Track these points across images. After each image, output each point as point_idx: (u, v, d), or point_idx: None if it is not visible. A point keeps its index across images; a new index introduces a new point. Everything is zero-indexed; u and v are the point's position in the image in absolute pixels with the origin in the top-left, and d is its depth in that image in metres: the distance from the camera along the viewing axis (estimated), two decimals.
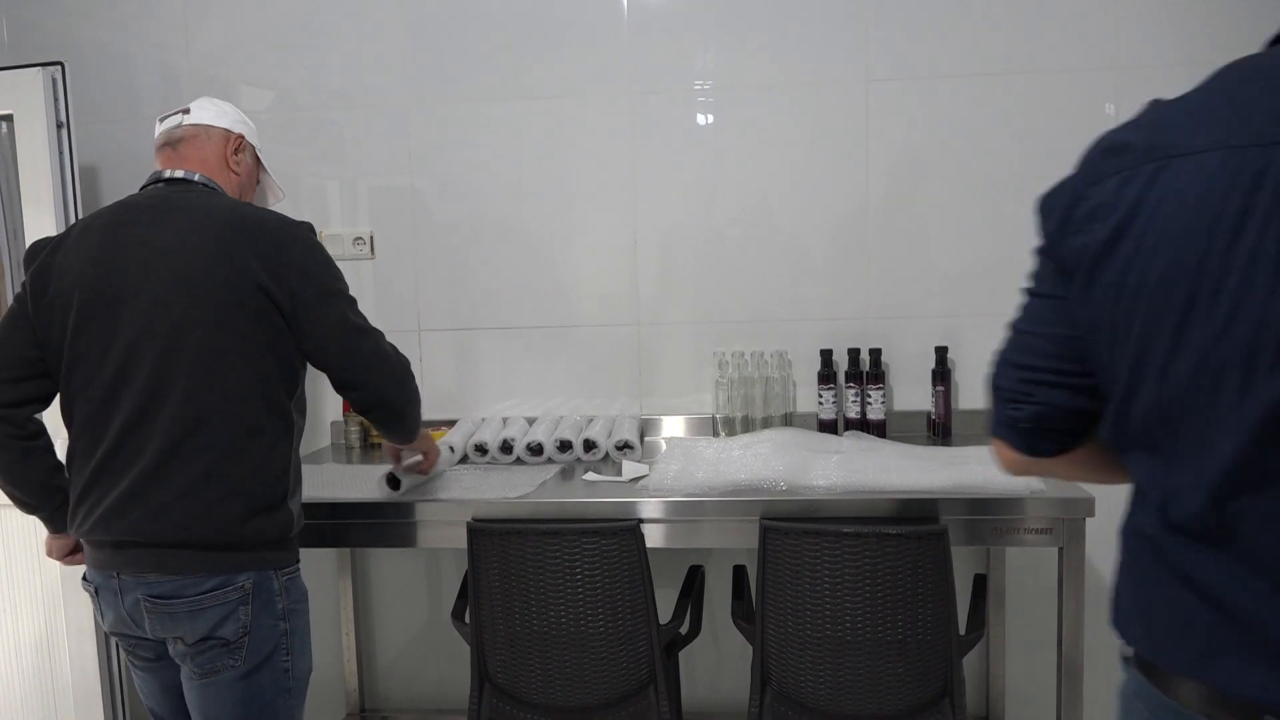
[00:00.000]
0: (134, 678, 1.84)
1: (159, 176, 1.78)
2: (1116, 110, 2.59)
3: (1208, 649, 0.94)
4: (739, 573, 2.39)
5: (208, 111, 1.85)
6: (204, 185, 1.77)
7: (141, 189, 1.79)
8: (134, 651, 1.77)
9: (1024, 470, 1.18)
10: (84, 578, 1.76)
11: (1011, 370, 1.13)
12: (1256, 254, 0.86)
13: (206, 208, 1.71)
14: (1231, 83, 1.00)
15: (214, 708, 1.69)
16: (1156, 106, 1.08)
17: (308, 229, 1.77)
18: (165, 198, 1.73)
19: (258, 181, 1.97)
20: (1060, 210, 1.03)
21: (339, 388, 1.78)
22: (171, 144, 1.81)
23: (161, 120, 1.85)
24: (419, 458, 2.19)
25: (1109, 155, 1.01)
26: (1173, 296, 0.91)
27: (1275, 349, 0.85)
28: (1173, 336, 0.91)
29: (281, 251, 1.67)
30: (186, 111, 1.84)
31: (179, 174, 1.77)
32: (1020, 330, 1.13)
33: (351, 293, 1.79)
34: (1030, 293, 1.11)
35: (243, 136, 1.87)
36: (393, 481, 2.17)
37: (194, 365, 1.62)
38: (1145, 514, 1.04)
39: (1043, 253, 1.07)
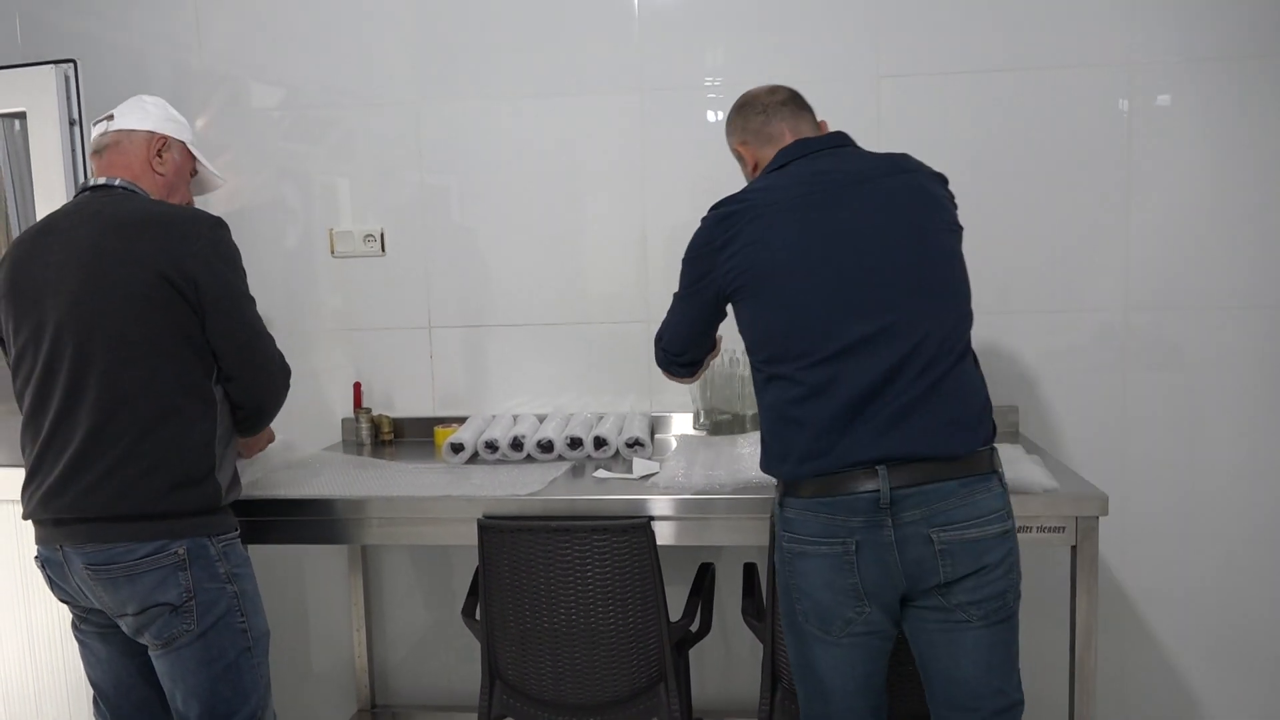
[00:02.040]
0: (81, 654, 1.94)
1: (84, 186, 1.92)
2: (1129, 106, 2.57)
3: None
4: (749, 570, 2.39)
5: (131, 116, 1.94)
6: (124, 189, 1.88)
7: (74, 197, 1.94)
8: (86, 619, 1.88)
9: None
10: (35, 556, 1.87)
11: (665, 345, 2.03)
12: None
13: (119, 210, 1.81)
14: (776, 180, 1.79)
15: (180, 674, 1.80)
16: (723, 202, 1.82)
17: (214, 223, 1.83)
18: (86, 203, 1.85)
19: (194, 173, 2.05)
20: None
21: (224, 379, 1.86)
22: (98, 151, 1.93)
23: (93, 125, 1.96)
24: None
25: (722, 221, 1.79)
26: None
27: None
28: None
29: (185, 243, 1.76)
30: (111, 118, 1.94)
31: (100, 181, 1.89)
32: (673, 321, 1.98)
33: (251, 295, 1.89)
34: (680, 296, 1.96)
35: (166, 137, 1.95)
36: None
37: (108, 355, 1.73)
38: None
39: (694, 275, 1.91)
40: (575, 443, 2.48)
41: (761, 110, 1.89)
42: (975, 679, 1.65)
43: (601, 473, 2.31)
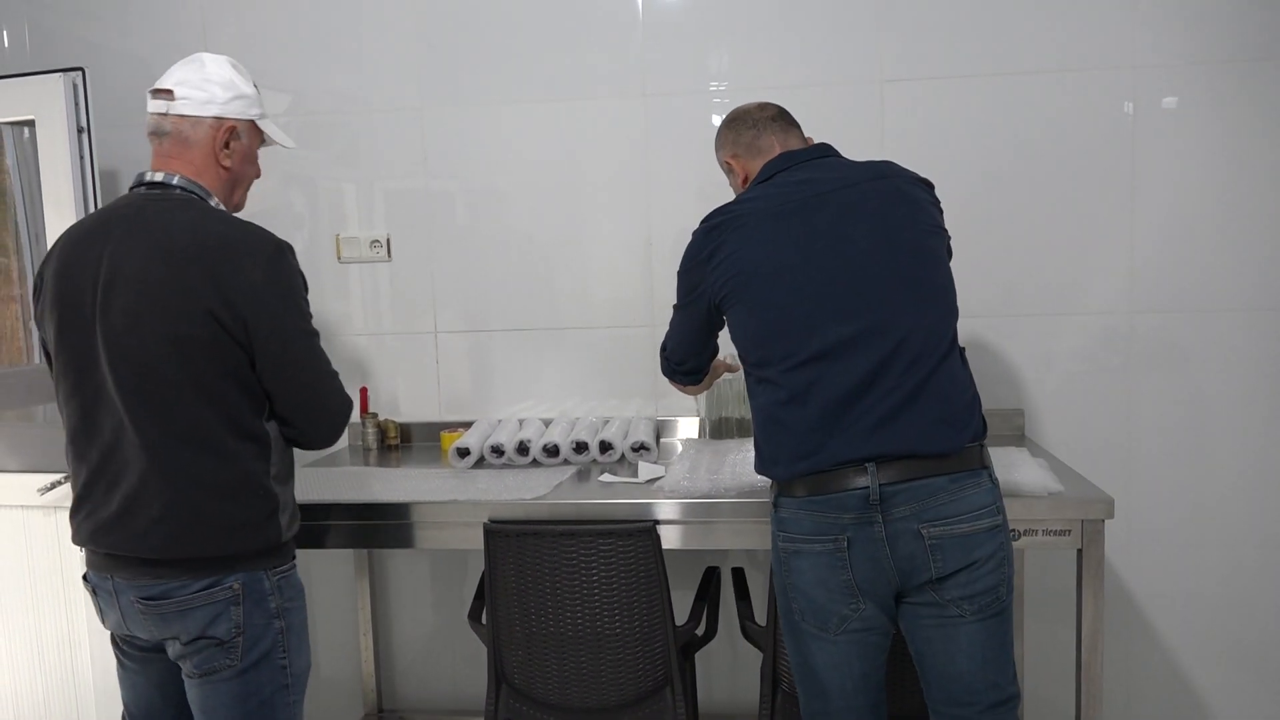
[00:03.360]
0: (118, 671, 1.87)
1: (141, 180, 1.73)
2: (1134, 108, 2.57)
3: None
4: (738, 575, 2.40)
5: (194, 96, 1.73)
6: (182, 191, 1.71)
7: (130, 189, 1.76)
8: (129, 643, 1.81)
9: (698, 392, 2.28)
10: (84, 577, 1.81)
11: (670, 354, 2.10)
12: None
13: (172, 227, 1.64)
14: (763, 191, 1.83)
15: (212, 705, 1.72)
16: (713, 213, 1.88)
17: (272, 253, 1.66)
18: (142, 207, 1.69)
19: (262, 141, 1.85)
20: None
21: (278, 420, 1.73)
22: (158, 135, 1.73)
23: (150, 97, 1.74)
24: None
25: (711, 231, 1.85)
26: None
27: None
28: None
29: (237, 276, 1.61)
30: (170, 95, 1.72)
31: (159, 178, 1.71)
32: (673, 329, 2.06)
33: (311, 329, 1.73)
34: (678, 306, 2.02)
35: (234, 124, 1.76)
36: None
37: (155, 394, 1.62)
38: None
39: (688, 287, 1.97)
40: (581, 447, 2.49)
41: (752, 125, 1.94)
42: (970, 674, 1.66)
43: (607, 477, 2.31)
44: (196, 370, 1.61)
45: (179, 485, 1.63)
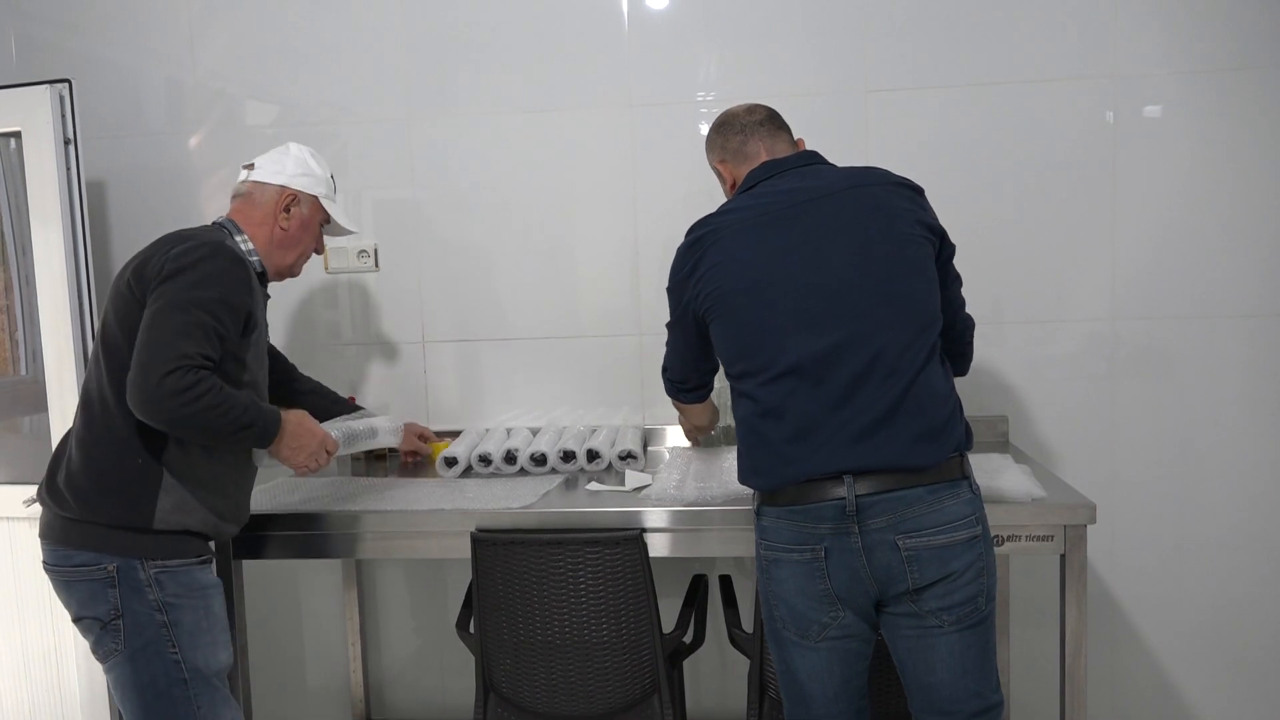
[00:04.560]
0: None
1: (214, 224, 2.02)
2: (1116, 118, 2.60)
3: None
4: (725, 582, 2.41)
5: (268, 168, 2.03)
6: (218, 225, 1.98)
7: None
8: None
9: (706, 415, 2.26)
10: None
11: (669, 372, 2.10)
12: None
13: (187, 231, 1.91)
14: (746, 199, 1.84)
15: (118, 693, 1.83)
16: (694, 227, 1.89)
17: (209, 248, 1.80)
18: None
19: (325, 221, 2.09)
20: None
21: None
22: (236, 196, 2.04)
23: (242, 168, 2.07)
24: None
25: (691, 247, 1.85)
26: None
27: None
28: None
29: (163, 247, 1.82)
30: (252, 167, 2.04)
31: (220, 221, 1.99)
32: (671, 349, 2.04)
33: (189, 303, 1.74)
34: (670, 323, 1.99)
35: (297, 193, 2.02)
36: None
37: (98, 355, 1.84)
38: None
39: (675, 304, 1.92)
40: (568, 456, 2.49)
41: (740, 130, 1.93)
42: (951, 683, 1.67)
43: (594, 485, 2.32)
44: (127, 336, 1.78)
45: (80, 436, 1.85)
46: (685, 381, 2.05)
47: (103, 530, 1.78)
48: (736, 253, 1.75)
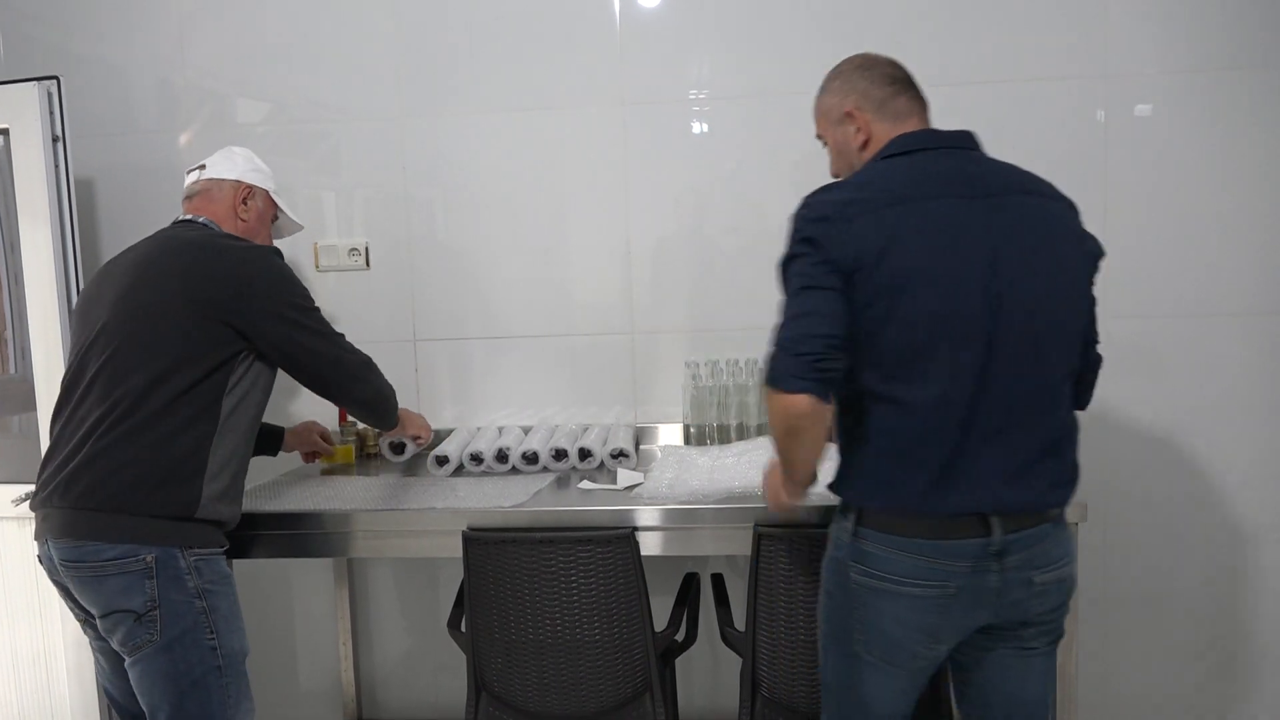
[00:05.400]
0: (94, 661, 1.98)
1: (174, 221, 2.08)
2: (1106, 117, 2.61)
3: None
4: (718, 581, 2.40)
5: (221, 165, 2.11)
6: (204, 224, 2.04)
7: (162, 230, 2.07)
8: (87, 622, 1.90)
9: (812, 418, 1.49)
10: (37, 555, 1.90)
11: (819, 340, 1.46)
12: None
13: (187, 234, 1.98)
14: (903, 169, 1.58)
15: (147, 684, 1.80)
16: (850, 183, 1.59)
17: (265, 255, 1.95)
18: (168, 231, 2.03)
19: (275, 218, 2.23)
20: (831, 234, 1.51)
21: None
22: (189, 197, 2.10)
23: (187, 173, 2.14)
24: (418, 437, 2.52)
25: (850, 204, 1.52)
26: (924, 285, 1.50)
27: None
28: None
29: (238, 270, 1.89)
30: (203, 168, 2.11)
31: (187, 217, 2.06)
32: (810, 312, 1.49)
33: (316, 304, 2.01)
34: (806, 287, 1.50)
35: (252, 186, 2.12)
36: (396, 448, 2.61)
37: (121, 352, 1.83)
38: None
39: (819, 260, 1.50)
40: (560, 454, 2.49)
41: (890, 81, 1.68)
42: (1037, 700, 1.69)
43: (586, 484, 2.32)
44: (183, 337, 1.86)
45: (121, 431, 1.83)
46: (824, 358, 1.46)
47: (142, 521, 1.78)
48: (927, 230, 1.49)
